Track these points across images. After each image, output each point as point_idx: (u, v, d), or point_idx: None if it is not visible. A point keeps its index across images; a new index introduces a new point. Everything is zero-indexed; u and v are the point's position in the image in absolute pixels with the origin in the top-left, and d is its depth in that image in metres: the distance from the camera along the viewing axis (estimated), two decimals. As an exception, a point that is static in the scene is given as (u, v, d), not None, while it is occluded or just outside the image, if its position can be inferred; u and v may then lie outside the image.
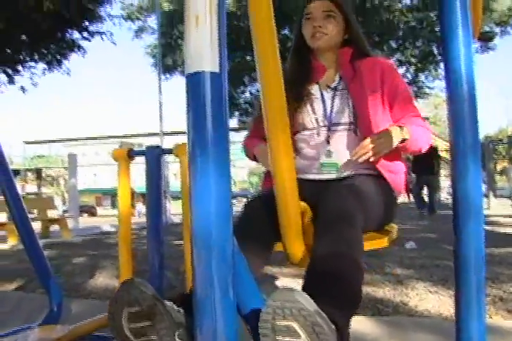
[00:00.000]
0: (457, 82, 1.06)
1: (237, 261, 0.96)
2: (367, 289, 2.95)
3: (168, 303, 1.08)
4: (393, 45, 17.45)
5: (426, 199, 11.43)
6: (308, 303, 0.94)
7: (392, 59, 18.43)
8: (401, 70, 18.73)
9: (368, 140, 1.57)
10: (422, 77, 18.07)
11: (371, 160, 1.60)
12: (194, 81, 0.83)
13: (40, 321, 1.95)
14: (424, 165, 9.99)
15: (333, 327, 0.98)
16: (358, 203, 1.41)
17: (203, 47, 0.82)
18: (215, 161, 0.83)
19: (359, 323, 2.23)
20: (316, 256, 1.29)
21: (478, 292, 1.04)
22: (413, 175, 10.54)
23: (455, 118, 1.07)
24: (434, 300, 2.67)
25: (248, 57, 17.52)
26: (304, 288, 1.21)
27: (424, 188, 11.09)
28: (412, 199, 16.17)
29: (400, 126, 1.63)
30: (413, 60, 16.96)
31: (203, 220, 0.85)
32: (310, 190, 1.60)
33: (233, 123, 22.93)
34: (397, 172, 1.73)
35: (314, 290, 1.14)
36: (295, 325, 0.93)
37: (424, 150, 1.77)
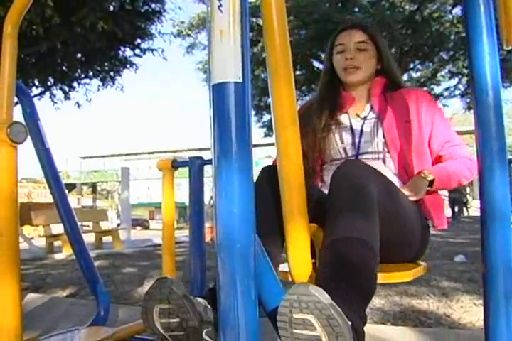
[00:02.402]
0: (482, 90, 1.07)
1: (260, 260, 1.00)
2: (411, 301, 2.92)
3: (201, 301, 1.14)
4: (444, 56, 17.17)
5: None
6: (323, 297, 0.96)
7: (444, 70, 18.15)
8: (453, 82, 18.41)
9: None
10: (474, 88, 17.65)
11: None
12: (219, 91, 0.89)
13: (88, 323, 2.05)
14: None
15: (349, 322, 1.01)
16: (373, 179, 1.33)
17: (227, 59, 0.88)
18: (238, 167, 0.88)
19: (399, 333, 2.22)
20: (325, 243, 1.25)
21: (506, 301, 1.04)
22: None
23: (481, 126, 1.08)
24: (479, 313, 2.61)
25: (297, 72, 17.64)
26: (317, 279, 1.20)
27: None
28: (465, 214, 16.17)
29: (420, 173, 1.63)
30: (465, 70, 16.62)
31: (227, 225, 0.89)
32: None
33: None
34: (432, 206, 1.68)
35: (325, 283, 1.14)
36: (311, 318, 0.95)
37: (467, 181, 1.72)
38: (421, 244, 1.61)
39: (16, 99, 1.64)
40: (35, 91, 10.90)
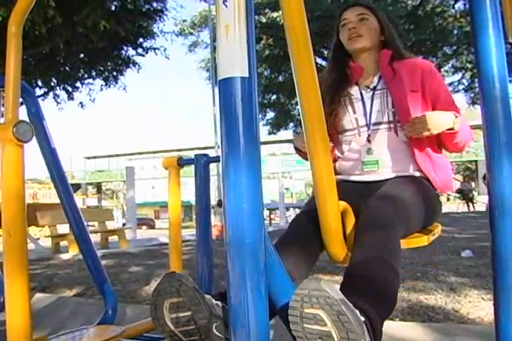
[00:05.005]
0: (489, 82, 1.06)
1: (270, 255, 1.00)
2: (418, 296, 2.91)
3: (208, 296, 1.14)
4: (448, 51, 17.10)
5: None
6: (334, 292, 0.97)
7: (447, 65, 18.08)
8: (457, 76, 18.35)
9: (418, 119, 1.61)
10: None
11: (425, 134, 1.62)
12: (226, 85, 0.89)
13: (97, 322, 2.05)
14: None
15: (362, 318, 1.01)
16: (399, 215, 1.43)
17: (233, 54, 0.88)
18: (246, 159, 0.88)
19: (408, 329, 2.22)
20: (354, 260, 1.31)
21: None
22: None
23: (488, 118, 1.07)
24: (487, 308, 2.61)
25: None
26: (341, 289, 1.23)
27: None
28: (471, 209, 16.15)
29: (456, 115, 1.64)
30: (469, 65, 16.57)
31: (236, 220, 0.90)
32: (352, 192, 1.64)
33: (288, 134, 22.93)
34: (440, 171, 1.74)
35: (350, 290, 1.16)
36: (321, 313, 0.96)
37: (465, 149, 1.80)
38: (434, 215, 1.70)
39: (20, 99, 1.63)
40: (38, 92, 10.92)
